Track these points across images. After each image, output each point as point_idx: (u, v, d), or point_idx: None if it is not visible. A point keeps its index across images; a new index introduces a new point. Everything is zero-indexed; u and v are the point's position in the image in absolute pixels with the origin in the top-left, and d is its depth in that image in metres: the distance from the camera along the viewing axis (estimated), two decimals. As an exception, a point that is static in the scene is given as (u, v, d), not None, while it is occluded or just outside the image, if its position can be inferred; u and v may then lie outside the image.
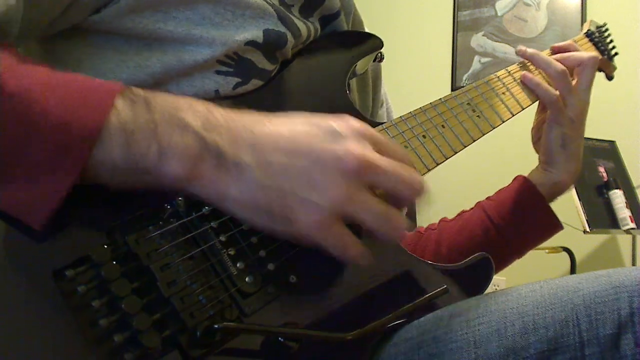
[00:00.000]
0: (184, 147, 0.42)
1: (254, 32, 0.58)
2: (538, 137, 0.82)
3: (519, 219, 0.78)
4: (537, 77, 0.79)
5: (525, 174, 0.82)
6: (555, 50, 0.85)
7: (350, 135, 0.45)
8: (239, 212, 0.44)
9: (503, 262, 0.78)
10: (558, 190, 0.80)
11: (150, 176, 0.42)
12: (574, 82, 0.79)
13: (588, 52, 0.85)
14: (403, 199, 0.47)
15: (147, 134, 0.42)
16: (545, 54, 0.82)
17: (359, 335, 0.46)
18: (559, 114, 0.77)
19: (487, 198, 0.83)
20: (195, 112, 0.44)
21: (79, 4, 0.51)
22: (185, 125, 0.42)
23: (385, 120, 0.85)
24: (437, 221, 0.87)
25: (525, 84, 0.79)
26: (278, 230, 0.44)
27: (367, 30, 0.82)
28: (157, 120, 0.42)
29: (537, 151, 0.82)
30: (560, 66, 0.78)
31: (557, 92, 0.77)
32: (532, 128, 0.85)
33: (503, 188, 0.83)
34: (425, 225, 0.87)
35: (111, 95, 0.42)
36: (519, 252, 0.79)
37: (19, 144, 0.39)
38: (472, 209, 0.83)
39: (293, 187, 0.42)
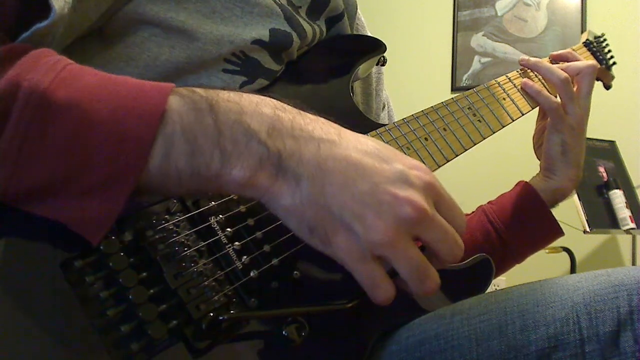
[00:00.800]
0: (247, 154, 0.41)
1: (261, 31, 0.58)
2: (539, 144, 0.83)
3: (520, 224, 0.79)
4: (537, 85, 0.80)
5: (528, 176, 0.82)
6: (554, 58, 0.86)
7: (417, 185, 0.43)
8: (285, 218, 0.43)
9: (503, 266, 0.79)
10: (559, 196, 0.80)
11: (213, 183, 0.42)
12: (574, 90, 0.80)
13: (587, 60, 0.86)
14: (440, 260, 0.46)
15: (211, 141, 0.40)
16: (546, 62, 0.83)
17: (357, 305, 0.47)
18: (560, 121, 0.78)
19: (489, 202, 0.84)
20: (262, 115, 0.42)
21: (113, 8, 0.52)
22: (250, 132, 0.41)
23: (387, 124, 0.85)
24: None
25: (525, 91, 0.80)
26: (315, 247, 0.44)
27: (369, 33, 0.83)
28: (220, 125, 0.41)
29: (539, 157, 0.83)
30: (562, 74, 0.79)
31: (558, 100, 0.78)
32: (534, 135, 0.86)
33: (505, 193, 0.83)
34: None
35: (164, 97, 0.41)
36: (519, 257, 0.80)
37: (73, 161, 0.38)
38: (473, 212, 0.84)
39: (342, 212, 0.41)
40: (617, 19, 2.39)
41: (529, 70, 0.83)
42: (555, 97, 0.79)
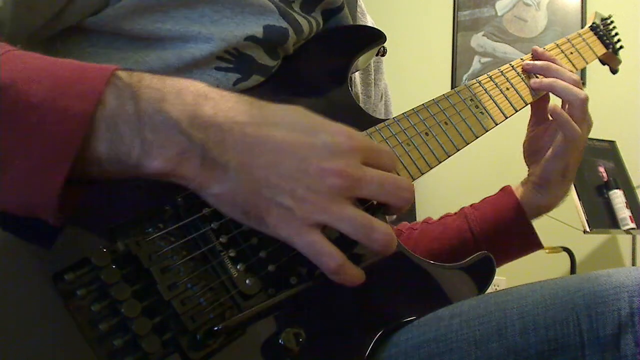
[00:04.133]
0: (168, 145, 0.41)
1: (254, 28, 0.57)
2: (532, 152, 0.80)
3: (500, 235, 0.78)
4: (565, 114, 0.73)
5: (525, 175, 0.81)
6: (536, 56, 0.79)
7: (341, 152, 0.45)
8: (216, 205, 0.44)
9: None
10: (543, 211, 0.79)
11: (133, 170, 0.42)
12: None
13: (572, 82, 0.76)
14: (392, 208, 0.48)
15: (131, 129, 0.41)
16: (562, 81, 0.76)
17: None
18: (574, 148, 0.74)
19: (472, 206, 0.82)
20: (184, 104, 0.42)
21: (74, 7, 0.51)
22: (171, 121, 0.41)
23: (383, 114, 0.85)
24: (436, 217, 0.87)
25: (553, 117, 0.75)
26: (253, 228, 0.45)
27: (369, 19, 0.81)
28: (141, 113, 0.41)
29: (529, 166, 0.80)
30: (583, 93, 0.74)
31: (580, 130, 0.73)
32: (525, 141, 0.81)
33: (489, 197, 0.82)
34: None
35: (100, 83, 0.41)
36: None
37: (7, 143, 0.38)
38: (455, 213, 0.83)
39: (271, 191, 0.42)
40: (617, 19, 2.38)
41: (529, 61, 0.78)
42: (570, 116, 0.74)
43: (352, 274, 0.46)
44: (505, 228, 0.78)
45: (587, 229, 1.83)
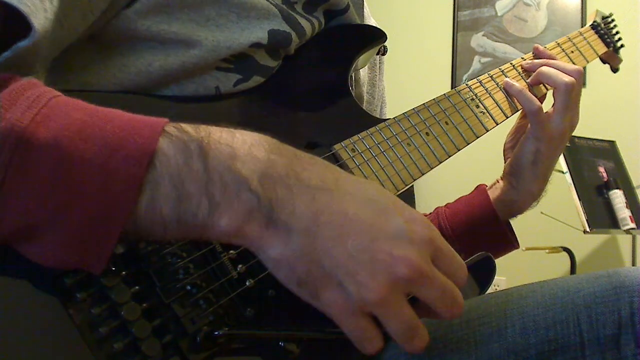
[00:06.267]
0: (236, 206, 0.39)
1: (259, 34, 0.56)
2: (512, 144, 0.78)
3: (470, 235, 0.76)
4: (518, 84, 0.74)
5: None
6: (537, 54, 0.79)
7: (415, 241, 0.41)
8: (272, 269, 0.41)
9: None
10: (515, 210, 0.76)
11: (198, 232, 0.39)
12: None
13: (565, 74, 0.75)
14: (437, 315, 0.44)
15: (198, 188, 0.38)
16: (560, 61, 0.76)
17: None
18: (540, 128, 0.71)
19: (446, 205, 0.82)
20: (255, 161, 0.40)
21: (99, 22, 0.50)
22: (241, 180, 0.39)
23: (379, 115, 0.84)
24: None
25: (506, 91, 0.73)
26: (302, 298, 0.42)
27: (371, 18, 0.81)
28: (210, 172, 0.39)
29: (506, 158, 0.79)
30: (568, 78, 0.71)
31: (539, 103, 0.72)
32: (509, 133, 0.81)
33: (463, 196, 0.81)
34: None
35: (155, 137, 0.38)
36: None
37: (55, 203, 0.36)
38: (430, 214, 0.83)
39: (333, 268, 0.39)
40: (617, 20, 2.38)
41: (525, 63, 0.78)
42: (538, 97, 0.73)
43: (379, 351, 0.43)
44: (477, 226, 0.76)
45: (587, 229, 1.83)
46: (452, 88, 0.79)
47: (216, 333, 0.43)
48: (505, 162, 0.78)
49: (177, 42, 0.53)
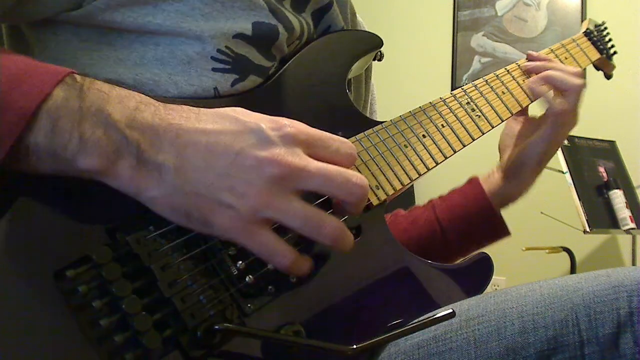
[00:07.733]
0: (104, 143, 0.41)
1: (243, 25, 0.57)
2: (510, 142, 0.80)
3: (466, 225, 0.78)
4: (545, 86, 0.75)
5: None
6: (531, 60, 0.80)
7: (278, 140, 0.43)
8: (157, 210, 0.43)
9: (445, 261, 0.78)
10: (506, 202, 0.79)
11: (68, 165, 0.42)
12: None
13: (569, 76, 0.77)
14: (344, 203, 0.46)
15: (71, 123, 0.41)
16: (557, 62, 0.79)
17: (360, 351, 0.45)
18: (559, 131, 0.74)
19: (440, 197, 0.83)
20: (124, 107, 0.43)
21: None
22: (109, 120, 0.42)
23: (368, 111, 0.85)
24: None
25: (533, 91, 0.75)
26: (198, 231, 0.44)
27: (365, 27, 0.82)
28: (84, 111, 0.41)
29: (503, 154, 0.80)
30: (579, 81, 0.73)
31: (566, 104, 0.73)
32: (505, 133, 0.82)
33: (456, 188, 0.82)
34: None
35: (52, 80, 0.41)
36: (462, 254, 0.79)
37: None
38: (424, 205, 0.84)
39: (210, 190, 0.42)
40: (617, 20, 2.38)
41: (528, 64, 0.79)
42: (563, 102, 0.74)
43: (305, 268, 0.46)
44: (472, 219, 0.78)
45: (587, 229, 1.83)
46: (452, 88, 0.80)
47: (216, 327, 0.43)
48: (502, 159, 0.80)
49: (164, 34, 0.55)
